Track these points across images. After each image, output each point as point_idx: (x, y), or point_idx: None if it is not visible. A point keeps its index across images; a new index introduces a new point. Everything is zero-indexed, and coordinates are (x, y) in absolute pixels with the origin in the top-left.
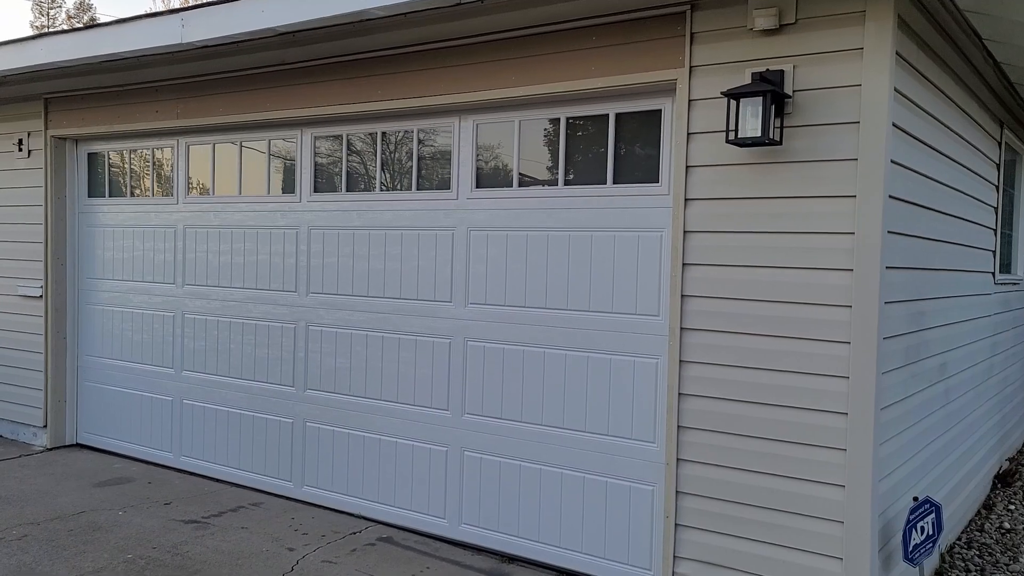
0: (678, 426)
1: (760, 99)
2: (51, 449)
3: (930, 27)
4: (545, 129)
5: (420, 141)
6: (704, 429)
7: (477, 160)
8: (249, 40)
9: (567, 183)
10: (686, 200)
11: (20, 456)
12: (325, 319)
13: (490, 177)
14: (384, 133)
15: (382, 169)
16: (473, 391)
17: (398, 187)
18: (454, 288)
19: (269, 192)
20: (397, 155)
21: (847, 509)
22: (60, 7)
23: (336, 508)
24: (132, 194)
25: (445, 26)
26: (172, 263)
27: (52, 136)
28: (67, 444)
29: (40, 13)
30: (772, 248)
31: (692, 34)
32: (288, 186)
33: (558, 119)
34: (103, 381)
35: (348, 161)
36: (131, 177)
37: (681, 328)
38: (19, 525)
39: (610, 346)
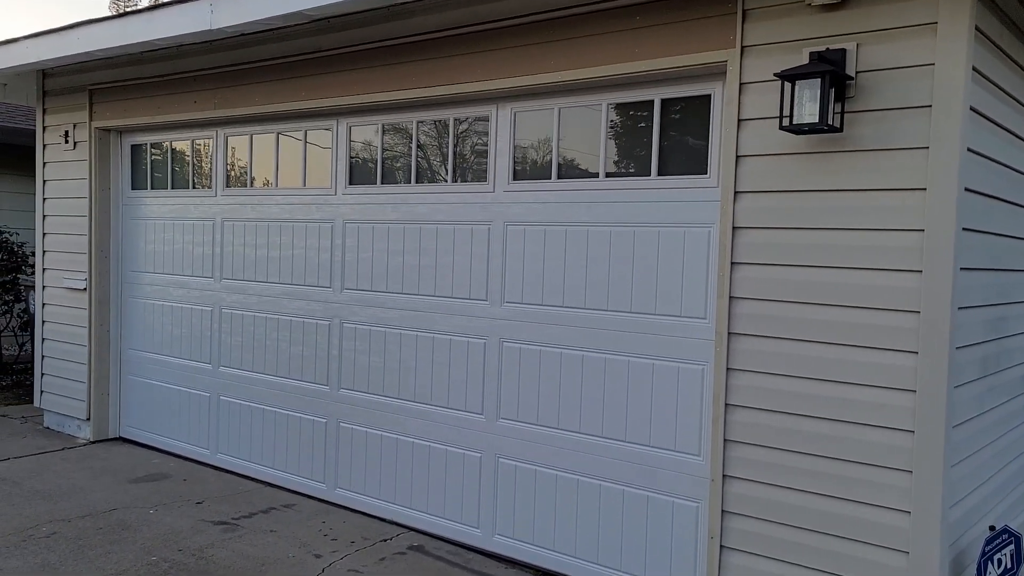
0: (724, 439)
1: (818, 81)
2: (94, 442)
3: None
4: (586, 117)
5: (456, 131)
6: (753, 444)
7: (514, 151)
8: (279, 28)
9: (609, 175)
10: (736, 193)
11: (63, 449)
12: (359, 316)
13: (527, 169)
14: (420, 122)
15: (417, 160)
16: (508, 395)
17: (434, 179)
18: (489, 286)
19: (305, 184)
20: (433, 145)
21: (913, 538)
22: None
23: (368, 512)
24: (173, 186)
25: (481, 8)
26: (210, 256)
27: (96, 127)
28: (110, 438)
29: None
30: (830, 246)
31: (744, 11)
32: (323, 178)
33: (600, 106)
34: (145, 375)
35: (383, 152)
36: (172, 169)
37: (729, 333)
38: (50, 522)
39: (653, 350)
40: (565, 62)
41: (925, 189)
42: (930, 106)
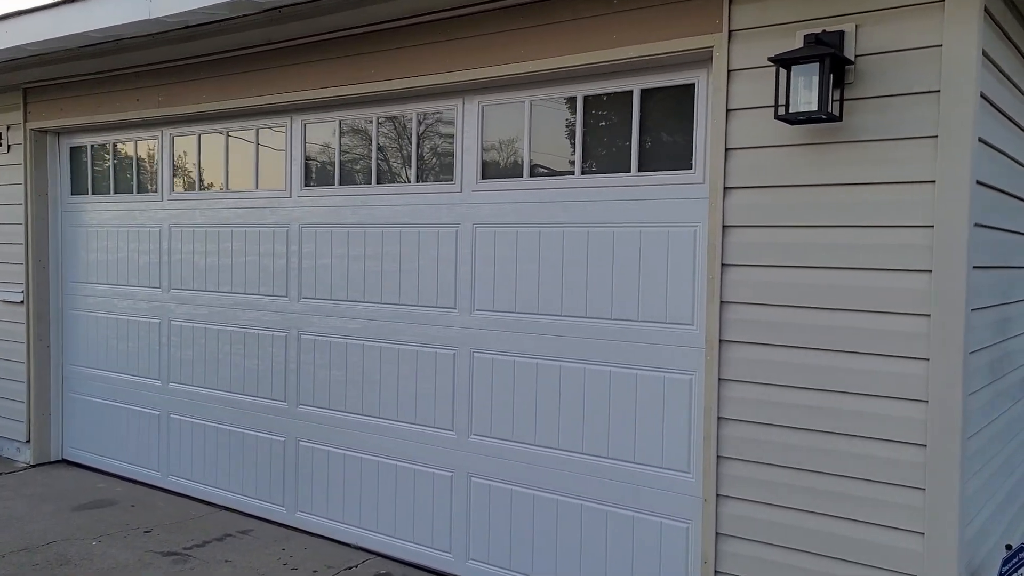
0: (717, 456)
1: (816, 65)
2: (35, 466)
3: None
4: (560, 110)
5: (420, 127)
6: (749, 460)
7: (483, 147)
8: (226, 19)
9: (585, 172)
10: (725, 189)
11: (0, 474)
12: (318, 327)
13: (497, 167)
14: (380, 119)
15: (378, 159)
16: (480, 409)
17: (397, 180)
18: (458, 292)
19: (257, 186)
20: (395, 143)
21: (927, 562)
22: None
23: (331, 537)
24: (116, 191)
25: None
26: (157, 265)
27: (32, 129)
28: (52, 460)
29: None
30: (830, 245)
31: None
32: (277, 180)
33: (574, 98)
34: (89, 393)
35: (341, 151)
36: (115, 173)
37: (720, 340)
38: None
39: (636, 359)
40: (536, 50)
41: (934, 182)
42: (938, 91)
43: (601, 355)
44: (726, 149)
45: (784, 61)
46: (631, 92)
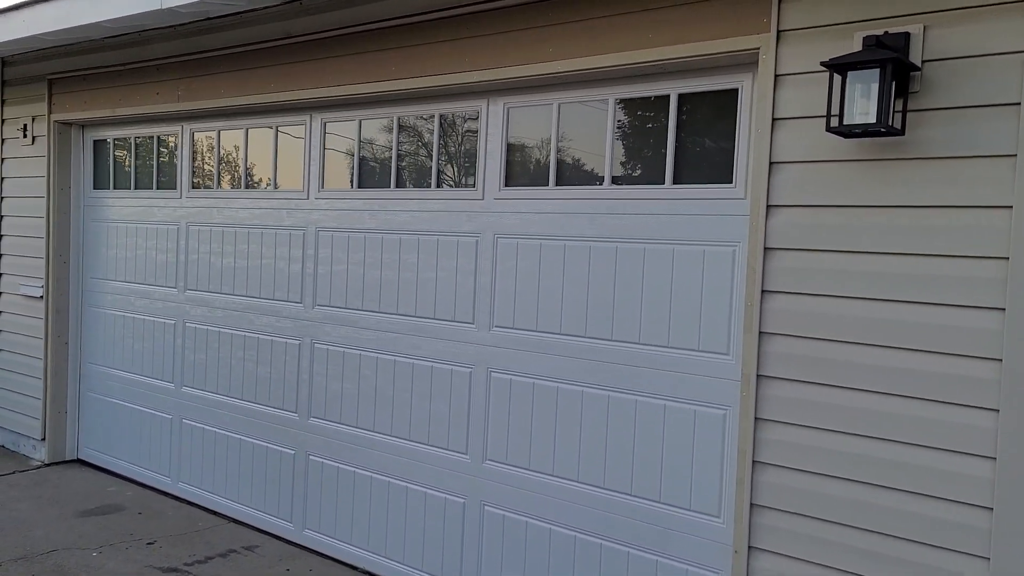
0: (751, 503)
1: (875, 71)
2: (48, 465)
3: None
4: (589, 114)
5: (442, 128)
6: (787, 511)
7: (507, 152)
8: (245, 11)
9: (616, 182)
10: (768, 207)
11: (13, 472)
12: (331, 336)
13: (522, 173)
14: (401, 119)
15: (398, 161)
16: (496, 433)
17: (417, 183)
18: (477, 307)
19: (276, 186)
20: (416, 145)
21: None
22: None
23: (339, 559)
24: (136, 186)
25: None
26: (174, 264)
27: (56, 121)
28: (66, 459)
29: None
30: (887, 275)
31: None
32: (295, 180)
33: (606, 101)
34: (105, 392)
35: (361, 151)
36: (136, 167)
37: (758, 375)
38: None
39: (665, 389)
40: (566, 50)
41: (1011, 207)
42: (1019, 104)
43: (627, 382)
44: (771, 163)
45: (840, 66)
46: (667, 96)
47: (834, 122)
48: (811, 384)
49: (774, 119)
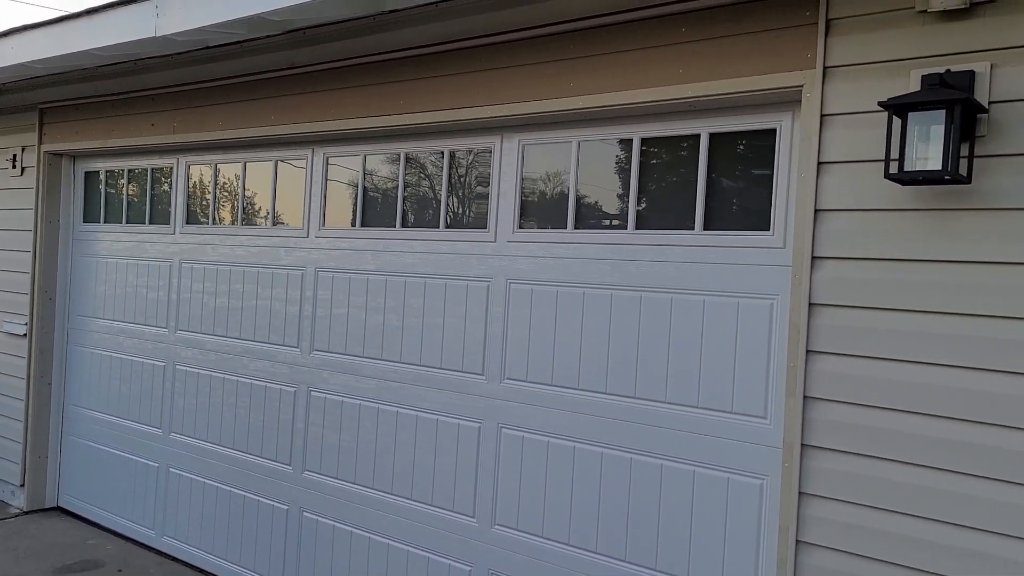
0: None
1: (940, 113)
2: (28, 512)
3: None
4: (612, 154)
5: (452, 166)
6: None
7: (522, 192)
8: (244, 40)
9: (640, 226)
10: (814, 259)
11: None
12: (329, 384)
13: (537, 214)
14: (409, 155)
15: (404, 200)
16: (507, 496)
17: (423, 223)
18: (487, 357)
19: (274, 223)
20: (423, 183)
21: None
22: None
23: None
24: (128, 220)
25: (483, 18)
26: (165, 303)
27: (46, 151)
28: (47, 507)
29: None
30: (952, 338)
31: (828, 22)
32: (295, 217)
33: (630, 140)
34: (89, 437)
35: (365, 188)
36: (128, 201)
37: (803, 444)
38: None
39: (694, 453)
40: (587, 84)
41: None
42: None
43: (651, 444)
44: (816, 210)
45: (899, 107)
46: (698, 136)
47: (893, 168)
48: (863, 457)
49: (820, 163)
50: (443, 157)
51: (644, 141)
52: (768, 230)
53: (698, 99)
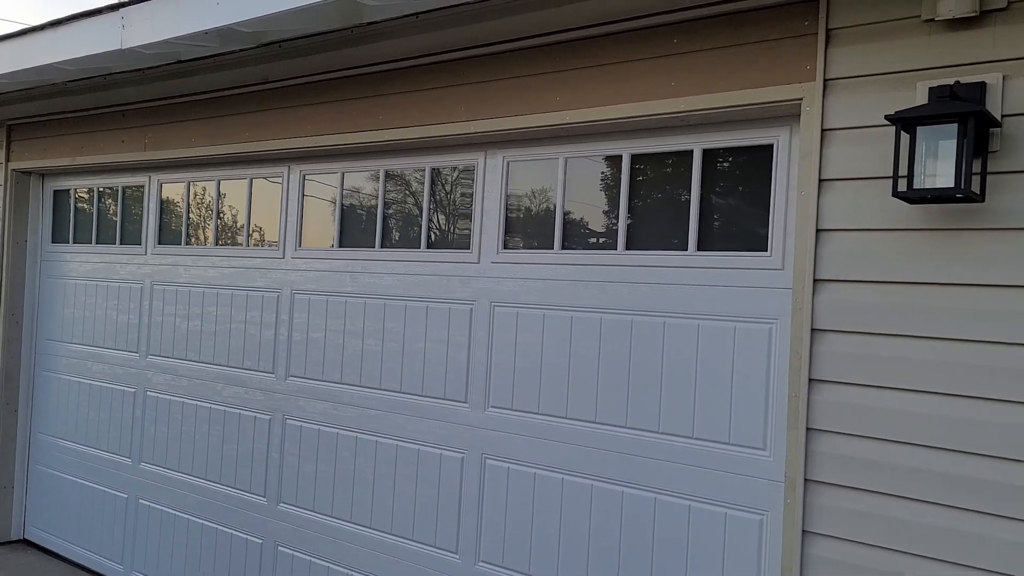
0: None
1: (952, 127)
2: None
3: None
4: (601, 171)
5: (433, 183)
6: None
7: (507, 211)
8: (217, 54)
9: (631, 247)
10: (816, 281)
11: None
12: (305, 411)
13: (523, 234)
14: (387, 171)
15: (384, 219)
16: (491, 530)
17: (404, 243)
18: (471, 384)
19: (248, 243)
20: (404, 201)
21: None
22: None
23: None
24: (98, 240)
25: (465, 30)
26: (136, 327)
27: (13, 169)
28: (12, 540)
29: None
30: (968, 367)
31: (828, 32)
32: (270, 236)
33: (619, 157)
34: (57, 466)
35: (343, 207)
36: (98, 220)
37: (806, 480)
38: None
39: (688, 487)
40: (574, 98)
41: None
42: None
43: (644, 477)
44: (817, 230)
45: (907, 121)
46: (690, 152)
47: (901, 185)
48: (872, 493)
49: (821, 180)
50: (425, 174)
51: (634, 158)
52: (766, 251)
53: (691, 113)
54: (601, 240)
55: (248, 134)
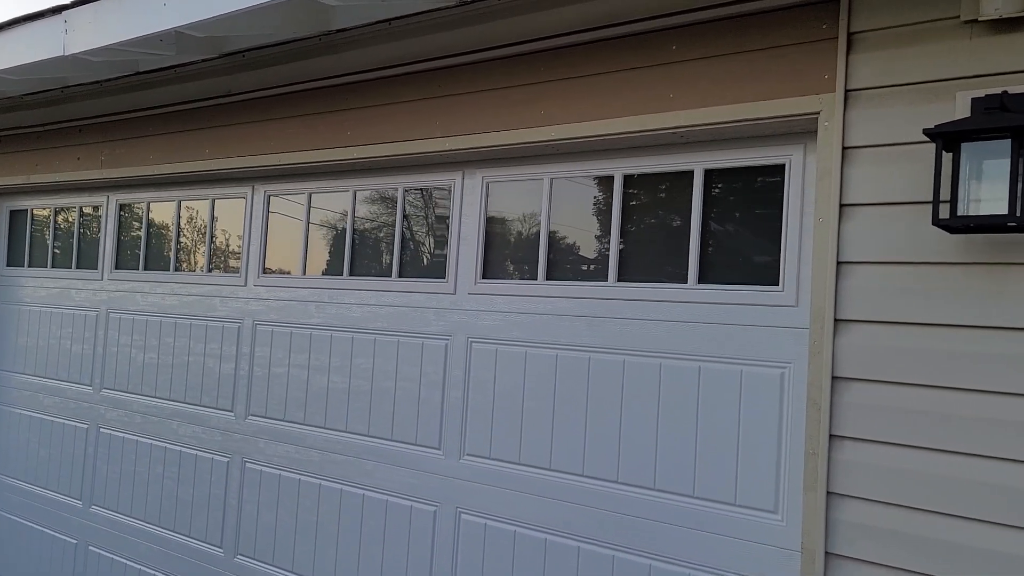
0: None
1: (1007, 143)
2: None
3: None
4: (590, 193)
5: (406, 205)
6: None
7: (486, 237)
8: (177, 65)
9: (623, 279)
10: (837, 322)
11: None
12: (267, 454)
13: (504, 263)
14: (357, 193)
15: (353, 243)
16: None
17: (374, 271)
18: (445, 428)
19: (209, 269)
20: (374, 225)
21: None
22: None
23: None
24: (53, 264)
25: (441, 37)
26: (91, 358)
27: None
28: None
29: None
30: (1013, 424)
31: (851, 35)
32: (232, 262)
33: (611, 177)
34: (3, 507)
35: (309, 230)
36: (54, 242)
37: (827, 552)
38: None
39: (688, 553)
40: (560, 112)
41: None
42: None
43: (638, 540)
44: (839, 262)
45: (951, 136)
46: (690, 173)
47: (943, 211)
48: (905, 573)
49: (842, 204)
50: (397, 195)
51: (627, 179)
52: (777, 284)
53: (691, 129)
54: (591, 269)
55: (209, 151)
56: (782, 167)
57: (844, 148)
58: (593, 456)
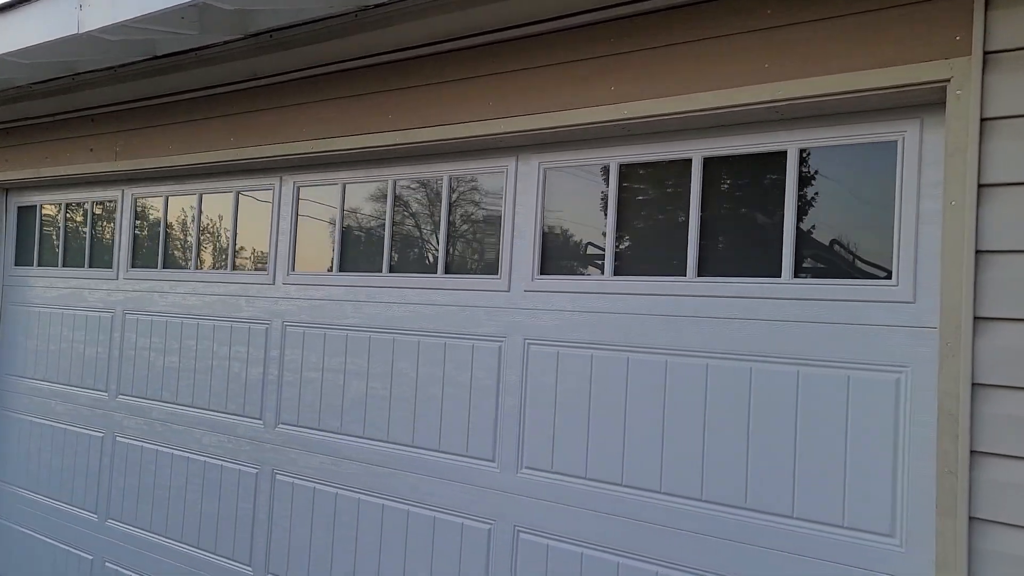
0: None
1: None
2: None
3: None
4: (663, 177)
5: (453, 195)
6: None
7: (544, 228)
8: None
9: (703, 272)
10: (976, 320)
11: None
12: (299, 465)
13: (564, 257)
14: (397, 182)
15: (394, 238)
16: None
17: (418, 267)
18: (500, 439)
19: (233, 266)
20: (418, 217)
21: None
22: None
23: None
24: (65, 263)
25: (494, 9)
26: (106, 361)
27: None
28: None
29: None
30: None
31: None
32: (259, 258)
33: (688, 161)
34: (15, 520)
35: (344, 224)
36: (65, 240)
37: None
38: None
39: None
40: (633, 87)
41: None
42: None
43: (726, 566)
44: (977, 251)
45: None
46: (783, 153)
47: None
48: None
49: (981, 185)
50: (443, 184)
51: (707, 161)
52: (890, 279)
53: (789, 103)
54: (664, 263)
55: (233, 139)
56: (894, 144)
57: (983, 120)
58: (671, 470)
